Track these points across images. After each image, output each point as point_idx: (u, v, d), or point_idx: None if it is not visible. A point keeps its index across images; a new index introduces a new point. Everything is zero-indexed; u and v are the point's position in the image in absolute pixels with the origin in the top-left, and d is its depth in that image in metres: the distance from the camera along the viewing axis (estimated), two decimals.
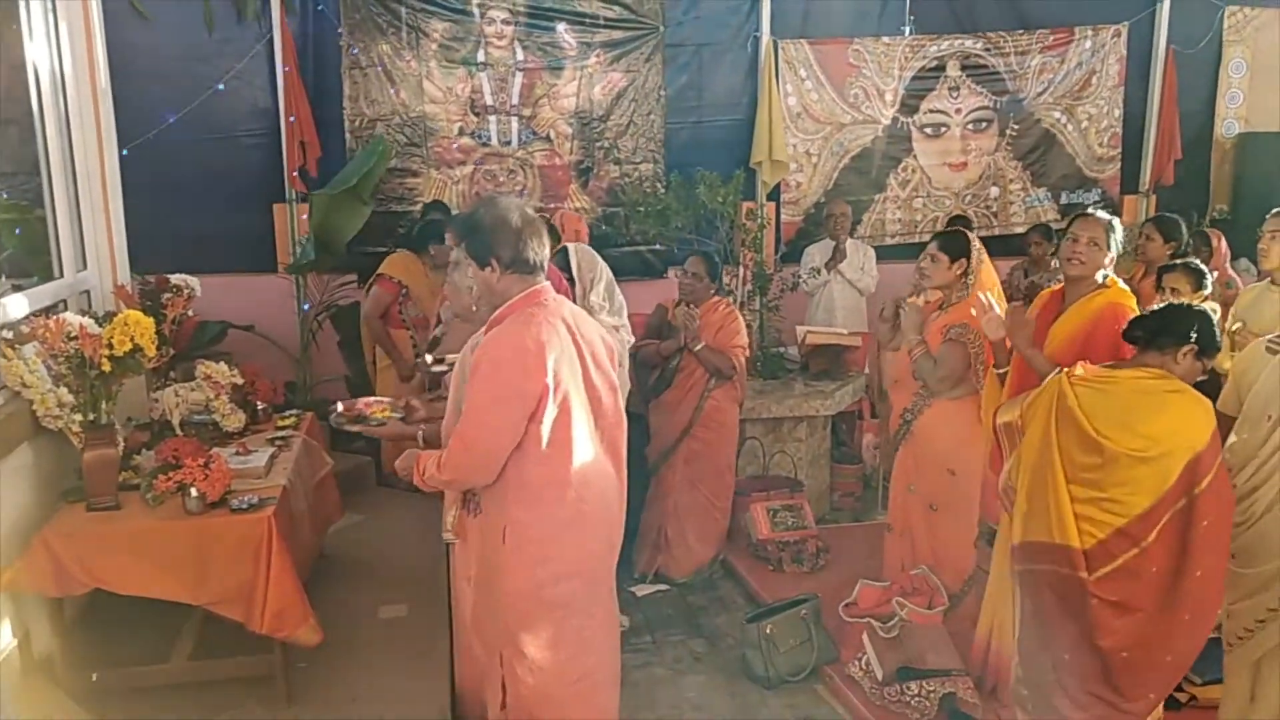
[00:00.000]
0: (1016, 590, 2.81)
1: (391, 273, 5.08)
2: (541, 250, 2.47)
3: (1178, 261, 4.01)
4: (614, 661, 2.72)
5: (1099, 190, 7.11)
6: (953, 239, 3.69)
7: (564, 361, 2.39)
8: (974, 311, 3.36)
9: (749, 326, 4.93)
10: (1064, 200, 7.07)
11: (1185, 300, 3.74)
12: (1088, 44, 6.87)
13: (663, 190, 6.08)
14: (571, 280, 4.07)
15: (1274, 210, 3.72)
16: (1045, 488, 2.63)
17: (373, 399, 3.20)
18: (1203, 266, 3.92)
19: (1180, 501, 2.49)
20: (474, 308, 2.50)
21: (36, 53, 3.63)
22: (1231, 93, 7.23)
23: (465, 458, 2.39)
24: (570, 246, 4.24)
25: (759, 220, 5.62)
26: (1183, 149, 7.04)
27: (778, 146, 6.34)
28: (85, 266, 3.93)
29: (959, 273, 3.61)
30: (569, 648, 2.52)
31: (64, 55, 3.76)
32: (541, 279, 2.49)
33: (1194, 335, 2.58)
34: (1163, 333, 2.61)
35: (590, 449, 2.48)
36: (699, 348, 4.26)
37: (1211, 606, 2.59)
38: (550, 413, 2.37)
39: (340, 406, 3.04)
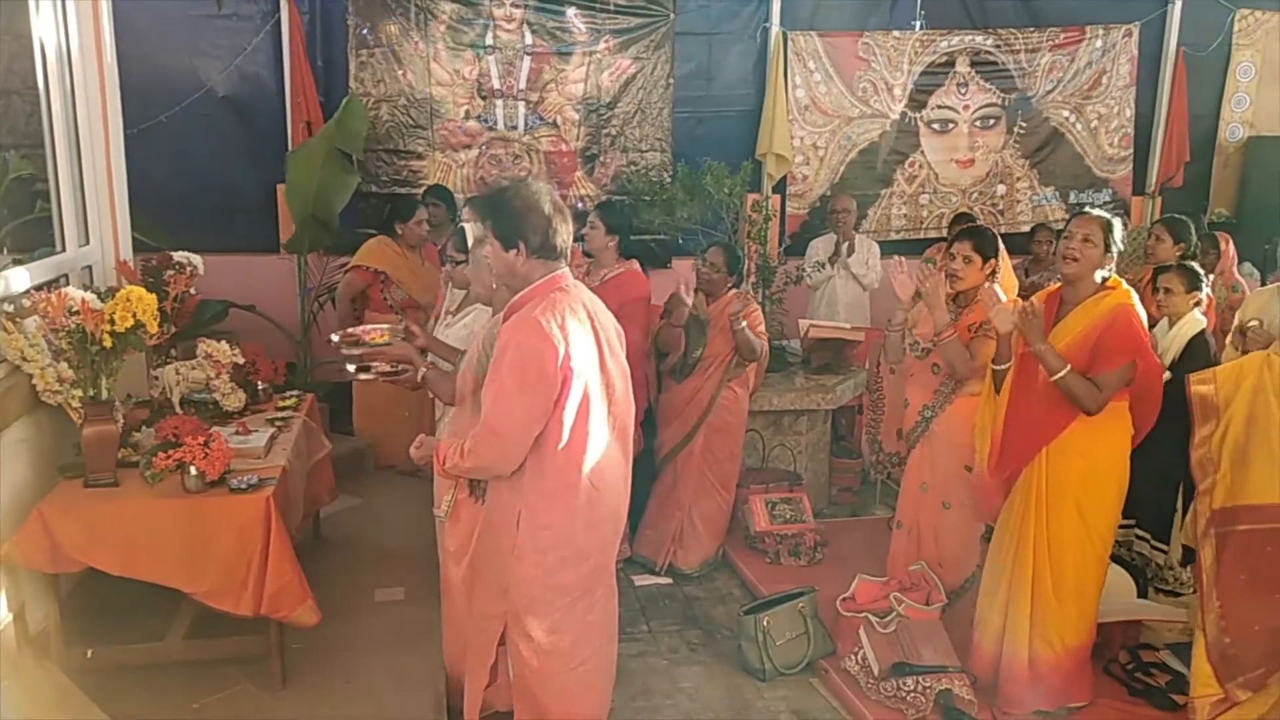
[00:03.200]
0: (1212, 551, 3.04)
1: (365, 262, 4.97)
2: (569, 236, 2.46)
3: (1172, 263, 3.98)
4: (612, 645, 2.73)
5: (1110, 190, 7.09)
6: (984, 239, 3.58)
7: (585, 348, 2.39)
8: (983, 304, 3.32)
9: None
10: (1072, 199, 7.04)
11: (1177, 300, 3.75)
12: (1099, 43, 6.83)
13: (669, 180, 6.05)
14: None
15: None
16: (1268, 455, 2.92)
17: (371, 326, 3.17)
18: (1198, 268, 3.87)
19: None
20: (494, 287, 2.49)
21: (43, 26, 3.59)
22: (1238, 96, 7.20)
23: (493, 444, 2.37)
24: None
25: (764, 212, 5.60)
26: (1190, 151, 7.02)
27: (780, 140, 6.31)
28: (88, 241, 3.90)
29: (988, 273, 3.56)
30: (574, 632, 2.53)
31: (71, 28, 3.72)
32: (564, 265, 2.48)
33: None
34: None
35: (605, 436, 2.48)
36: (740, 326, 4.25)
37: None
38: (573, 399, 2.36)
39: (336, 337, 3.02)
